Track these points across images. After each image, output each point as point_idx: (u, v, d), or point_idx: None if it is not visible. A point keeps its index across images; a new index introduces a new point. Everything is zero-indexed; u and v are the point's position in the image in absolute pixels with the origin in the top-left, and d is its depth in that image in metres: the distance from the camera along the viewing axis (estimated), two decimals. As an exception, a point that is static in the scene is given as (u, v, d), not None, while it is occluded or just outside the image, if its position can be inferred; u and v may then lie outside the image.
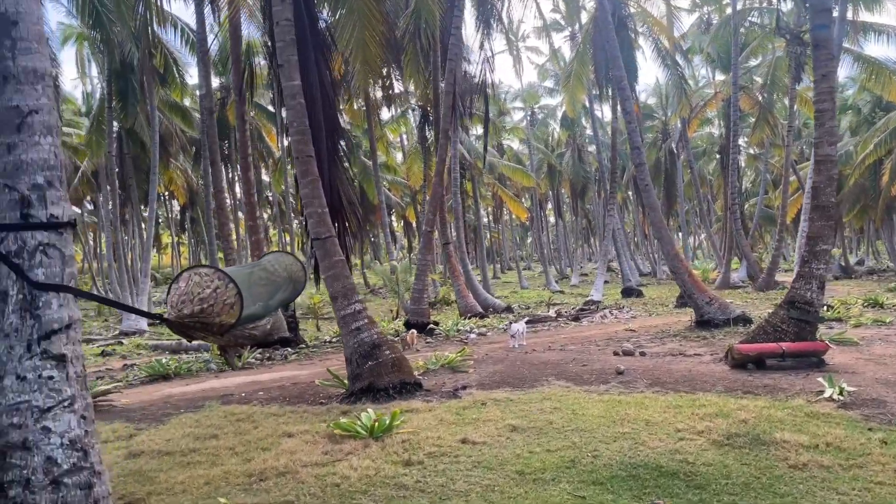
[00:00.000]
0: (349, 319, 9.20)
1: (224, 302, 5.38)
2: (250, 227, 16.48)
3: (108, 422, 8.44)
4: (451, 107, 19.06)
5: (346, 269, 9.45)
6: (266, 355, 15.20)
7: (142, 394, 11.57)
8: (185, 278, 5.43)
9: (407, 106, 40.25)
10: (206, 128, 19.16)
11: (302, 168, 9.49)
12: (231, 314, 5.45)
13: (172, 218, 65.50)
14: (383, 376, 8.78)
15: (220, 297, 5.37)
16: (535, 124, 54.59)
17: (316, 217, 9.40)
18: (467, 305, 21.42)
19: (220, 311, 5.34)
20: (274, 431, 7.14)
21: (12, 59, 3.76)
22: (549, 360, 12.01)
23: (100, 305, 37.79)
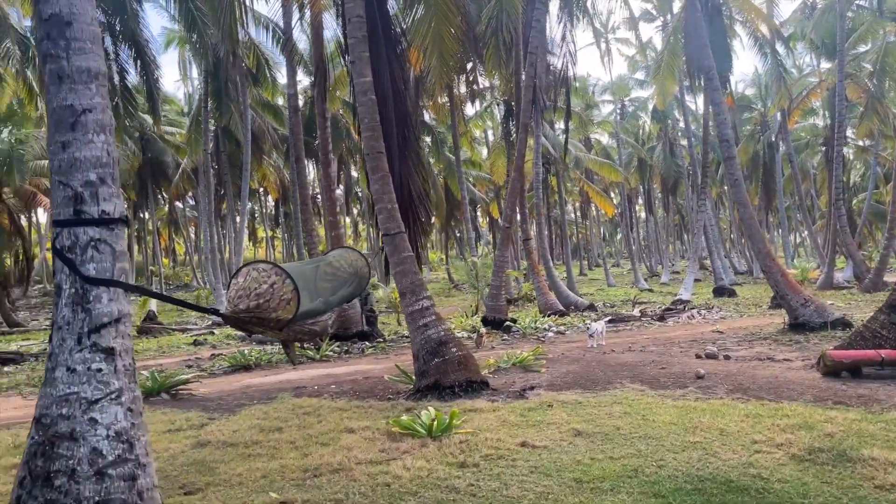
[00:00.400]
0: (417, 316, 9.16)
1: (280, 297, 5.41)
2: (330, 223, 16.78)
3: (185, 410, 8.74)
4: (532, 100, 18.75)
5: (414, 265, 9.42)
6: (344, 349, 15.44)
7: (223, 383, 11.97)
8: (243, 273, 5.51)
9: (492, 101, 40.08)
10: (292, 125, 19.65)
11: (372, 164, 9.51)
12: (287, 310, 5.47)
13: (266, 213, 67.96)
14: (449, 374, 8.69)
15: (277, 293, 5.40)
16: (625, 117, 53.18)
17: (386, 213, 9.41)
18: (547, 303, 21.08)
19: (276, 307, 5.38)
20: (336, 426, 7.18)
21: (67, 59, 3.88)
22: (627, 361, 11.60)
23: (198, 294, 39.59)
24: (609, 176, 42.83)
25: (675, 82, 31.74)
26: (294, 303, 5.52)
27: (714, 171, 43.20)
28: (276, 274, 5.51)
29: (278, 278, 5.49)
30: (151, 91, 25.92)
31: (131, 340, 3.97)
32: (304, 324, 6.11)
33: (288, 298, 5.48)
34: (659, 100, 33.50)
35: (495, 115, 42.08)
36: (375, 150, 9.48)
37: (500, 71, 24.39)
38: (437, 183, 44.86)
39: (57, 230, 3.82)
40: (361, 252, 8.13)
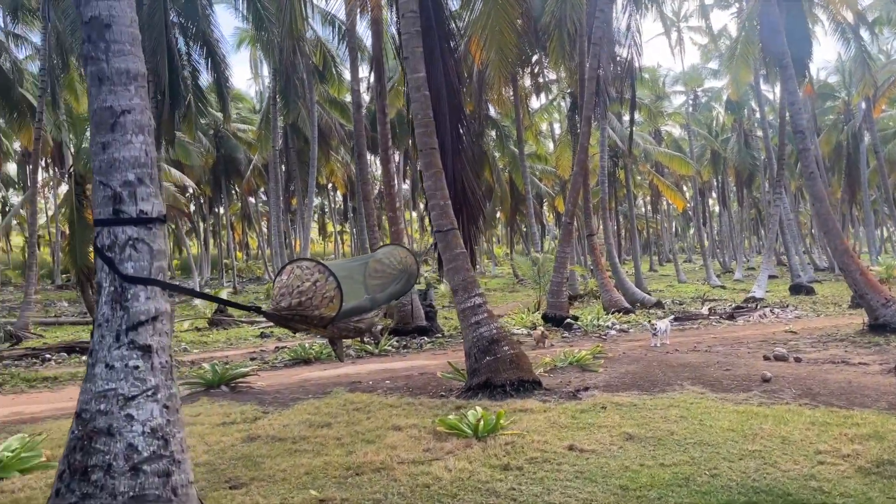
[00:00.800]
0: (468, 313, 9.08)
1: (323, 295, 5.41)
2: (390, 218, 16.87)
3: (241, 403, 8.92)
4: (595, 92, 18.34)
5: (466, 261, 9.33)
6: (402, 344, 15.50)
7: (282, 376, 12.19)
8: (287, 271, 5.54)
9: (558, 94, 39.52)
10: (355, 121, 19.85)
11: (426, 160, 9.47)
12: (331, 307, 5.47)
13: (335, 208, 69.16)
14: (501, 373, 8.57)
15: (320, 291, 5.41)
16: (698, 108, 51.54)
17: (438, 209, 9.35)
18: (612, 300, 20.65)
19: (318, 305, 5.38)
20: (384, 423, 7.17)
21: (106, 62, 3.95)
22: (690, 361, 11.21)
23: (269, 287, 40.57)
24: (680, 169, 41.61)
25: (751, 71, 30.52)
26: (337, 301, 5.52)
27: (793, 163, 41.40)
28: (320, 272, 5.52)
29: (321, 276, 5.49)
30: (221, 89, 26.64)
31: (169, 338, 4.03)
32: (349, 321, 6.11)
33: (331, 296, 5.48)
34: (733, 89, 32.36)
35: (562, 108, 41.52)
36: (429, 147, 9.43)
37: (565, 63, 24.00)
38: (501, 177, 44.63)
39: (98, 229, 3.91)
40: (411, 249, 8.08)
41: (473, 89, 30.58)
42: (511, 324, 18.53)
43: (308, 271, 5.50)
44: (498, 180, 44.28)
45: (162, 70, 22.86)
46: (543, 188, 51.90)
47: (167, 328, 4.02)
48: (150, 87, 23.26)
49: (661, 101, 48.08)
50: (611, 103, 30.44)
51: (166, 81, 22.90)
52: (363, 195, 19.53)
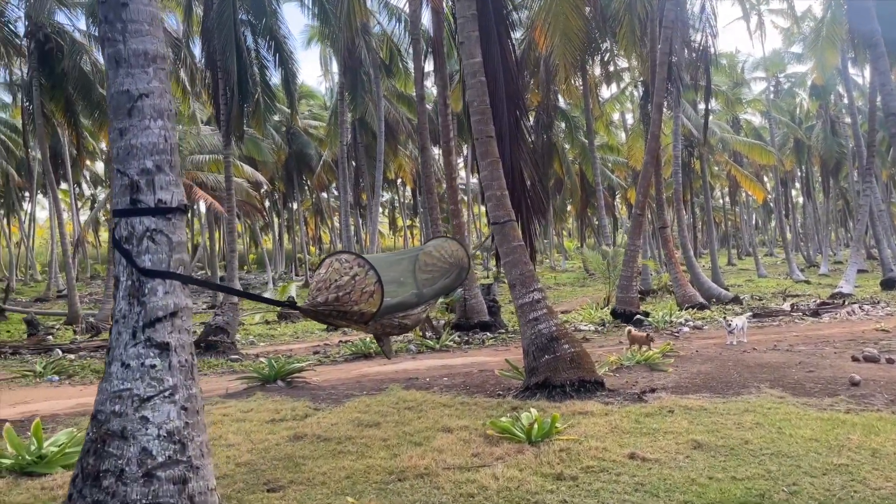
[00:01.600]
0: (526, 309, 8.65)
1: (362, 290, 5.13)
2: (452, 212, 16.56)
3: (295, 399, 8.77)
4: (667, 77, 17.49)
5: (524, 255, 8.89)
6: (464, 339, 15.18)
7: (340, 371, 12.06)
8: (326, 265, 5.28)
9: (630, 82, 38.33)
10: (418, 113, 19.64)
11: (482, 149, 9.08)
12: (370, 303, 5.19)
13: (404, 202, 69.46)
14: (560, 372, 8.12)
15: (358, 285, 5.12)
16: (780, 95, 49.06)
17: (495, 200, 8.95)
18: (685, 295, 19.74)
19: (357, 300, 5.10)
20: (434, 424, 6.85)
21: (123, 43, 3.74)
22: (769, 361, 10.45)
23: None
24: (760, 158, 39.68)
25: (837, 53, 28.77)
26: (378, 296, 5.23)
27: (884, 151, 38.94)
28: (359, 265, 5.24)
29: (360, 269, 5.21)
30: (289, 85, 26.93)
31: (189, 335, 3.80)
32: (394, 317, 5.82)
33: (371, 291, 5.19)
34: (818, 74, 30.64)
35: (634, 97, 40.26)
36: (485, 135, 9.04)
37: (636, 50, 23.10)
38: (571, 170, 43.71)
39: (115, 220, 3.71)
40: (462, 241, 7.71)
41: (541, 79, 29.94)
42: (578, 319, 17.95)
43: (347, 265, 5.22)
44: (568, 172, 43.39)
45: (231, 67, 23.23)
46: (616, 180, 50.60)
47: (187, 325, 3.79)
48: (220, 83, 23.76)
49: (740, 87, 46.04)
50: (685, 90, 29.27)
51: (235, 78, 23.26)
52: (427, 189, 19.28)
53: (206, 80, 25.11)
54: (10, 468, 5.70)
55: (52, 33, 29.43)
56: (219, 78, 23.74)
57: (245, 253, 68.85)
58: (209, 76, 24.58)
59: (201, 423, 3.77)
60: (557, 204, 52.31)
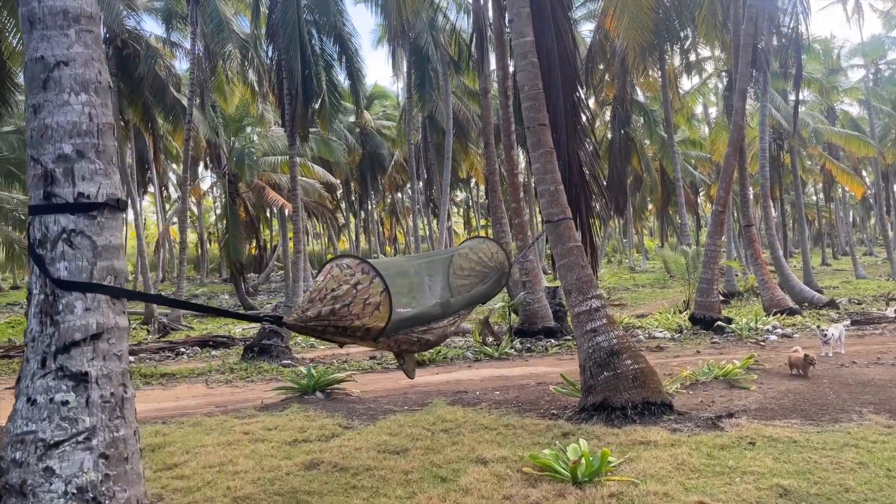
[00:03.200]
0: (584, 318, 7.63)
1: (365, 301, 4.29)
2: (514, 210, 15.59)
3: (328, 414, 8.06)
4: (751, 62, 15.95)
5: (582, 257, 7.87)
6: (526, 346, 14.19)
7: (389, 380, 11.30)
8: (325, 271, 4.47)
9: (713, 72, 36.23)
10: (482, 108, 18.79)
11: (533, 139, 8.11)
12: (377, 316, 4.34)
13: (478, 202, 68.63)
14: (621, 392, 7.07)
15: (360, 296, 4.29)
16: (880, 83, 45.43)
17: (548, 196, 7.97)
18: (773, 299, 18.06)
19: (359, 313, 4.26)
20: (468, 453, 5.95)
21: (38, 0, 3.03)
22: (872, 378, 9.05)
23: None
24: (858, 151, 36.70)
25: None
26: (385, 308, 4.38)
27: None
28: (363, 271, 4.40)
29: (364, 277, 4.37)
30: (355, 83, 26.55)
31: (121, 362, 3.05)
32: (412, 332, 4.96)
33: (376, 302, 4.35)
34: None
35: (718, 88, 38.04)
36: (537, 122, 8.07)
37: (717, 36, 21.46)
38: (650, 166, 41.82)
39: (29, 219, 3.01)
40: (500, 242, 6.76)
41: (616, 71, 28.49)
42: (653, 325, 16.63)
43: (348, 271, 4.40)
44: (647, 169, 41.51)
45: (295, 66, 22.99)
46: (698, 176, 48.21)
47: (118, 349, 3.04)
48: (285, 84, 23.57)
49: (836, 75, 42.85)
50: (773, 79, 27.18)
51: (299, 78, 23.01)
52: (490, 187, 18.40)
53: (273, 80, 25.03)
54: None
55: (130, 39, 30.12)
56: (283, 78, 23.57)
57: (323, 253, 69.73)
58: (274, 76, 24.47)
59: (133, 473, 3.01)
60: (637, 201, 50.29)
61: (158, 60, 29.27)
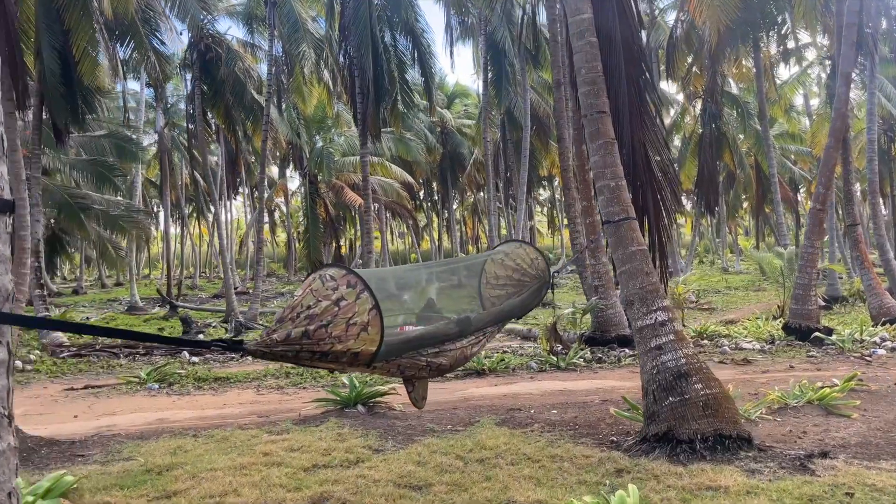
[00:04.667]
0: (647, 334, 6.64)
1: (349, 322, 3.55)
2: (584, 209, 14.53)
3: (363, 432, 7.40)
4: (856, 43, 14.26)
5: (646, 262, 6.87)
6: (597, 356, 13.12)
7: (444, 391, 10.55)
8: (305, 284, 3.75)
9: (815, 59, 33.61)
10: (555, 100, 17.82)
11: (591, 128, 7.18)
12: (365, 339, 3.60)
13: (560, 200, 67.04)
14: (688, 421, 6.05)
15: (343, 315, 3.55)
16: None
17: (608, 192, 7.01)
18: (882, 306, 16.19)
19: (341, 335, 3.53)
20: (499, 495, 5.11)
21: None
22: None
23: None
24: (985, 141, 33.21)
25: None
26: (375, 328, 3.62)
27: None
28: (349, 284, 3.66)
29: (349, 291, 3.63)
30: (427, 81, 26.00)
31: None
32: (419, 355, 4.19)
33: (363, 322, 3.60)
34: None
35: (822, 78, 35.29)
36: (595, 109, 7.12)
37: (818, 18, 19.60)
38: (744, 161, 39.37)
39: None
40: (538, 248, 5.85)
41: (704, 62, 26.70)
42: (742, 334, 15.18)
43: (331, 284, 3.66)
44: (741, 164, 39.08)
45: (367, 64, 22.65)
46: (798, 172, 45.17)
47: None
48: (356, 82, 23.26)
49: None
50: (882, 64, 24.78)
51: (371, 75, 22.65)
52: (564, 184, 17.37)
53: (345, 80, 24.80)
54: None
55: (212, 43, 30.70)
56: (355, 77, 23.29)
57: (407, 252, 69.94)
58: (347, 75, 24.23)
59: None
60: (730, 199, 47.61)
61: (238, 63, 29.69)
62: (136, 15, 20.30)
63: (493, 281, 5.47)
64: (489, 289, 5.44)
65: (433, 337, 4.33)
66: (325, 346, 3.49)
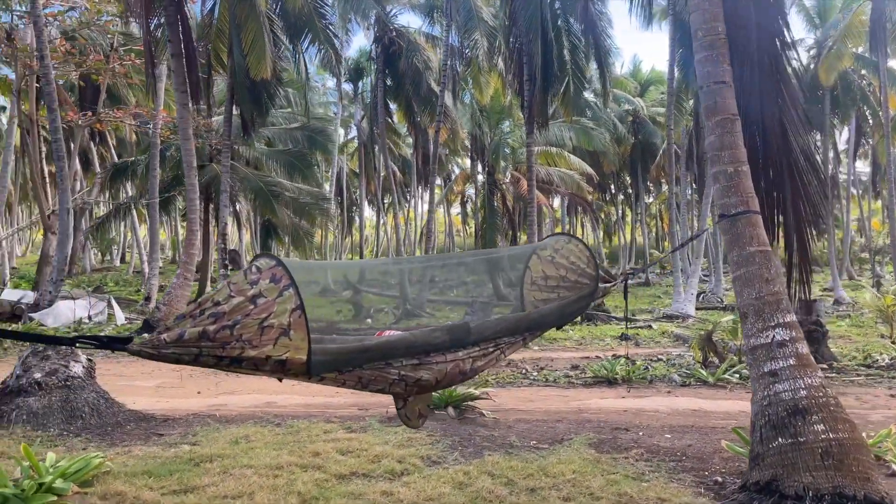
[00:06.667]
0: (761, 355, 5.32)
1: (262, 324, 2.96)
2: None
3: (435, 440, 6.80)
4: None
5: (767, 267, 5.50)
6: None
7: (558, 399, 9.66)
8: (229, 278, 3.20)
9: None
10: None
11: (709, 101, 5.91)
12: (286, 345, 3.00)
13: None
14: (799, 472, 4.72)
15: (256, 315, 2.97)
16: None
17: (724, 179, 5.74)
18: None
19: (252, 339, 2.96)
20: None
21: None
22: None
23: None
24: None
25: None
26: (300, 333, 2.99)
27: None
28: (272, 279, 3.05)
29: (270, 287, 3.03)
30: (602, 68, 24.58)
31: None
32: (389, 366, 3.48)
33: (282, 325, 2.99)
34: None
35: None
36: (713, 80, 5.84)
37: None
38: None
39: None
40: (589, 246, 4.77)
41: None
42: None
43: (253, 277, 3.08)
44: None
45: (535, 49, 21.87)
46: None
47: None
48: (524, 68, 22.52)
49: None
50: None
51: (538, 61, 21.84)
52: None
53: (514, 67, 24.12)
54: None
55: (396, 36, 31.57)
56: (523, 63, 22.56)
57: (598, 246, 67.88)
58: (515, 63, 23.54)
59: None
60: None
61: (417, 55, 30.21)
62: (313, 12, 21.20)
63: (542, 282, 4.57)
64: (534, 291, 4.55)
65: (409, 346, 3.59)
66: (232, 352, 2.94)
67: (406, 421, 4.08)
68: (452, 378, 3.77)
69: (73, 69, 22.40)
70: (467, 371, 3.81)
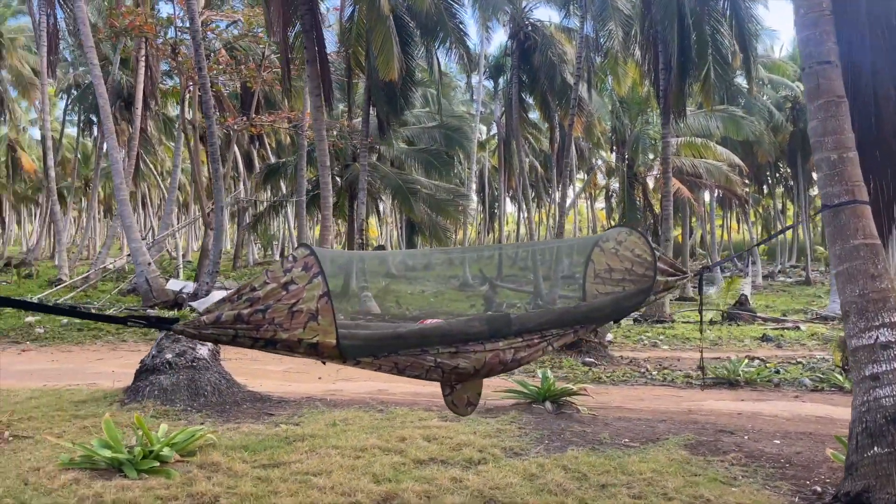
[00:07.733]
0: (862, 357, 4.89)
1: (292, 308, 3.18)
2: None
3: (524, 433, 6.82)
4: None
5: (873, 262, 5.00)
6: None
7: (671, 400, 9.32)
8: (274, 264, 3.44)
9: None
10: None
11: (811, 83, 5.47)
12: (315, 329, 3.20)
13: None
14: (894, 485, 4.30)
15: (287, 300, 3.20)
16: None
17: (827, 167, 5.30)
18: None
19: (284, 322, 3.19)
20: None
21: None
22: None
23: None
24: None
25: None
26: (327, 318, 3.18)
27: None
28: (305, 267, 3.26)
29: (301, 275, 3.24)
30: (747, 54, 23.10)
31: None
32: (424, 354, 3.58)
33: (311, 310, 3.19)
34: None
35: None
36: (816, 60, 5.38)
37: None
38: None
39: None
40: (651, 242, 4.51)
41: None
42: None
43: (288, 265, 3.31)
44: None
45: (670, 36, 21.04)
46: None
47: None
48: (660, 56, 21.68)
49: None
50: None
51: (675, 47, 20.97)
52: None
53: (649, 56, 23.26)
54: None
55: (531, 31, 31.51)
56: (658, 51, 21.73)
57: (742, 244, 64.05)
58: (650, 51, 22.71)
59: None
60: None
61: (553, 48, 29.93)
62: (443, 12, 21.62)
63: (605, 274, 4.46)
64: (598, 284, 4.45)
65: (444, 335, 3.66)
66: (266, 334, 3.16)
67: (453, 408, 4.17)
68: (492, 367, 3.82)
69: (230, 79, 24.42)
70: (508, 361, 3.84)
